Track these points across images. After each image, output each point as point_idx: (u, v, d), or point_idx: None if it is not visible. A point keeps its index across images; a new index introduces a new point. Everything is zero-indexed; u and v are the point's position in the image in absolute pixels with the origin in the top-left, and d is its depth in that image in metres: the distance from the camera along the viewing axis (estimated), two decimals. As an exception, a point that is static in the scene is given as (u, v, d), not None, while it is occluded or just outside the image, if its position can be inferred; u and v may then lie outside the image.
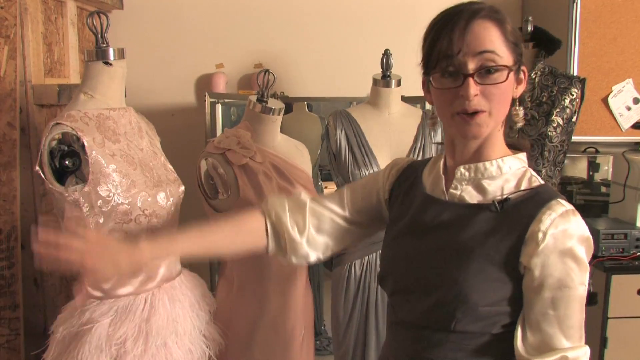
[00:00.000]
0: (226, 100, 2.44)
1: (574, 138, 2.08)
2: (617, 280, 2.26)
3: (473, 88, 0.93)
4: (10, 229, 1.73)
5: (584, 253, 0.94)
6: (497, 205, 0.97)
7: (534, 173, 1.02)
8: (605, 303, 2.27)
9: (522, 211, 0.96)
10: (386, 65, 1.89)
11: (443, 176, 1.06)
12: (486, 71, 0.93)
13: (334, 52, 2.64)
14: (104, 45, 1.33)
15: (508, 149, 1.03)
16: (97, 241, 1.03)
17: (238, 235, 1.17)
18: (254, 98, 1.70)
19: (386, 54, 1.90)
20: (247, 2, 2.62)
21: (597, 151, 2.61)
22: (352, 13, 2.64)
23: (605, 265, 2.26)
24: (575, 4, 2.32)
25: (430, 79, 0.97)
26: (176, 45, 2.60)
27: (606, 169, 2.69)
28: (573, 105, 1.97)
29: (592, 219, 2.52)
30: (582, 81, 1.99)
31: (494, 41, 0.94)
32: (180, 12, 2.59)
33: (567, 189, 2.67)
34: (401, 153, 1.89)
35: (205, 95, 2.33)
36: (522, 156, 1.04)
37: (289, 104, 2.58)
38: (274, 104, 1.71)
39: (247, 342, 1.65)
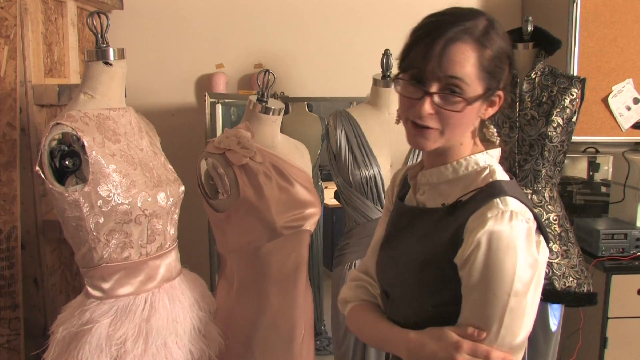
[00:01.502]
0: (226, 100, 2.44)
1: (574, 138, 2.08)
2: (617, 280, 2.26)
3: (427, 107, 0.94)
4: (10, 229, 1.73)
5: (510, 263, 0.88)
6: (446, 208, 0.98)
7: (496, 168, 0.99)
8: (605, 303, 2.27)
9: (464, 211, 0.94)
10: (386, 65, 1.89)
11: (411, 183, 1.09)
12: (450, 92, 0.93)
13: (334, 52, 2.64)
14: (104, 45, 1.33)
15: (479, 147, 1.03)
16: None
17: None
18: (254, 98, 1.70)
19: (386, 54, 1.90)
20: (247, 2, 2.62)
21: (597, 151, 2.60)
22: (352, 13, 2.64)
23: (605, 265, 2.26)
24: (575, 4, 2.31)
25: (400, 77, 0.99)
26: (176, 45, 2.60)
27: (606, 169, 2.69)
28: (573, 105, 1.97)
29: (592, 219, 2.52)
30: (582, 81, 1.99)
31: (465, 69, 0.92)
32: (180, 12, 2.59)
33: (567, 189, 2.67)
34: (401, 153, 1.89)
35: (205, 95, 2.33)
36: (493, 152, 1.02)
37: (286, 104, 2.58)
38: (274, 104, 1.71)
39: (247, 342, 1.65)
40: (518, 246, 0.89)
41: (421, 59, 0.93)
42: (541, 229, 0.95)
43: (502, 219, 0.90)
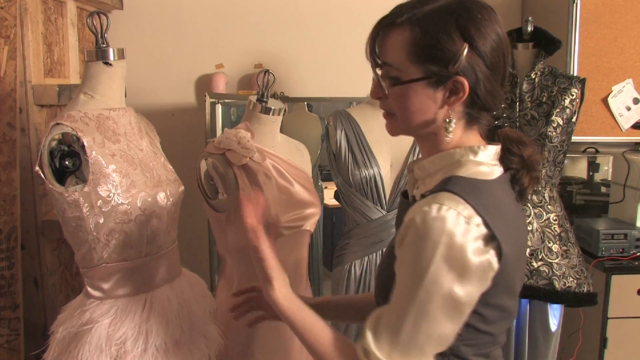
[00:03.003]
0: (226, 101, 2.44)
1: (574, 138, 2.08)
2: (617, 280, 2.26)
3: (375, 90, 0.97)
4: (10, 229, 1.73)
5: (425, 254, 0.84)
6: (412, 202, 0.97)
7: (466, 163, 0.94)
8: (605, 303, 2.27)
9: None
10: (386, 66, 1.89)
11: (409, 176, 1.08)
12: (385, 77, 0.95)
13: (334, 52, 2.64)
14: (104, 45, 1.33)
15: (472, 142, 0.97)
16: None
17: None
18: (254, 98, 1.70)
19: (386, 54, 1.89)
20: (247, 2, 2.62)
21: (597, 151, 2.60)
22: (352, 13, 2.64)
23: (605, 266, 2.26)
24: (575, 4, 2.31)
25: None
26: (176, 45, 2.60)
27: (606, 169, 2.69)
28: (573, 106, 1.97)
29: (592, 219, 2.52)
30: (582, 81, 1.99)
31: (395, 54, 0.92)
32: (180, 12, 2.59)
33: (567, 189, 2.67)
34: (401, 153, 1.89)
35: (205, 96, 2.33)
36: (480, 149, 0.95)
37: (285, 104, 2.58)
38: (274, 104, 1.71)
39: (247, 342, 1.65)
40: (438, 241, 0.84)
41: (369, 50, 0.96)
42: (499, 246, 0.87)
43: (429, 211, 0.85)
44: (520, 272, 0.99)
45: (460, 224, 0.84)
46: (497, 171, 0.96)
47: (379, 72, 0.96)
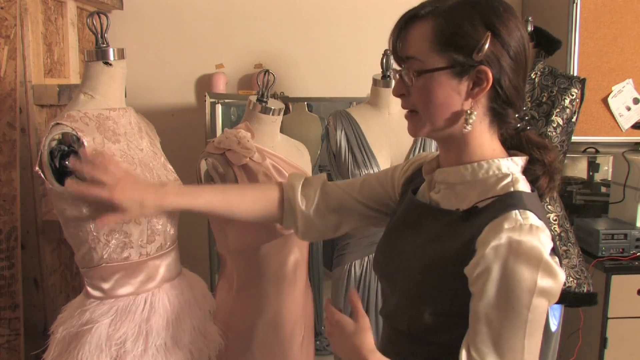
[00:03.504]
0: (226, 101, 2.44)
1: (574, 138, 2.08)
2: (617, 280, 2.26)
3: (397, 87, 0.96)
4: (10, 229, 1.73)
5: (530, 275, 0.82)
6: (461, 213, 0.92)
7: (519, 177, 0.93)
8: (605, 303, 2.27)
9: (479, 220, 0.88)
10: (386, 65, 1.89)
11: (426, 178, 1.05)
12: (409, 71, 0.93)
13: (334, 52, 2.64)
14: (104, 45, 1.33)
15: (502, 152, 0.97)
16: (126, 176, 1.06)
17: (256, 201, 1.21)
18: (254, 98, 1.70)
19: (386, 54, 1.89)
20: (247, 2, 2.62)
21: (597, 151, 2.61)
22: (352, 13, 2.64)
23: (605, 266, 2.26)
24: (575, 4, 2.32)
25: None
26: (176, 45, 2.60)
27: (606, 169, 2.69)
28: (573, 106, 1.97)
29: (592, 219, 2.52)
30: (582, 81, 1.99)
31: (418, 45, 0.92)
32: (180, 12, 2.59)
33: (567, 189, 2.67)
34: (401, 153, 1.89)
35: (205, 96, 2.33)
36: (517, 160, 0.96)
37: (286, 104, 2.57)
38: (274, 104, 1.71)
39: (247, 342, 1.65)
40: (542, 255, 0.82)
41: (392, 47, 0.96)
42: (556, 250, 0.88)
43: (520, 230, 0.83)
44: None
45: (547, 242, 0.84)
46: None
47: (402, 67, 0.95)
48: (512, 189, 0.90)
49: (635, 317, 2.30)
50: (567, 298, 1.95)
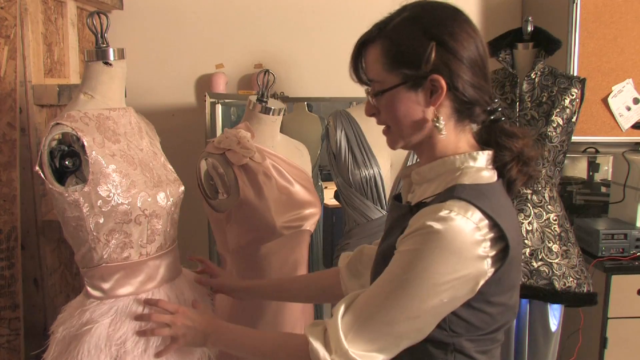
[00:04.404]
0: (226, 101, 2.44)
1: (574, 138, 2.08)
2: (617, 280, 2.26)
3: (368, 108, 1.04)
4: (10, 229, 1.73)
5: (421, 242, 0.88)
6: (409, 207, 1.00)
7: (469, 171, 0.96)
8: (605, 303, 2.27)
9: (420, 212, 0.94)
10: (386, 66, 1.89)
11: (403, 181, 1.11)
12: (370, 93, 1.01)
13: (334, 52, 2.64)
14: (104, 45, 1.33)
15: (469, 147, 1.00)
16: (182, 315, 1.21)
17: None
18: (254, 98, 1.70)
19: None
20: (247, 2, 2.62)
21: (597, 151, 2.61)
22: (352, 13, 2.64)
23: (605, 266, 2.26)
24: (575, 4, 2.31)
25: None
26: (176, 45, 2.60)
27: (606, 169, 2.69)
28: (573, 106, 1.97)
29: (592, 219, 2.52)
30: (582, 81, 1.99)
31: (374, 68, 0.99)
32: (180, 12, 2.59)
33: (567, 189, 2.67)
34: (401, 153, 1.89)
35: (205, 96, 2.33)
36: (476, 154, 0.98)
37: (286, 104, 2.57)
38: (274, 104, 1.71)
39: (247, 342, 1.65)
40: (443, 243, 0.87)
41: (350, 70, 1.04)
42: (507, 245, 0.90)
43: (438, 215, 0.88)
44: (519, 269, 1.02)
45: (467, 228, 0.87)
46: (495, 175, 0.99)
47: (368, 90, 1.02)
48: (454, 183, 0.94)
49: (635, 317, 2.30)
50: (567, 298, 1.95)
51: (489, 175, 0.97)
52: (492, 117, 1.01)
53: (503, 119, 1.02)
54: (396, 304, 0.89)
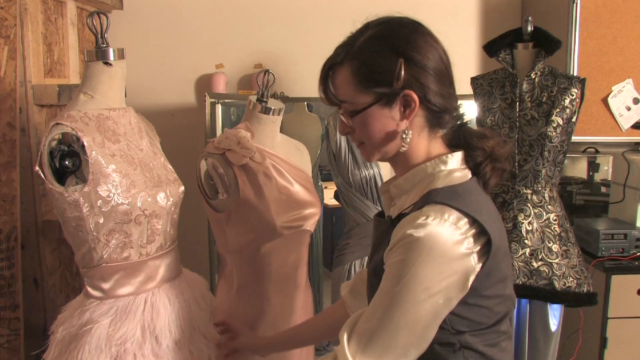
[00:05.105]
0: (226, 101, 2.44)
1: (574, 138, 2.08)
2: (617, 280, 2.26)
3: (342, 128, 1.04)
4: (10, 229, 1.73)
5: (405, 252, 0.90)
6: (390, 221, 1.01)
7: (440, 175, 0.99)
8: (605, 303, 2.27)
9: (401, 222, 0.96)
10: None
11: (383, 197, 1.13)
12: (345, 112, 1.01)
13: (334, 52, 2.64)
14: (104, 45, 1.33)
15: (440, 152, 1.02)
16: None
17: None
18: (253, 98, 1.70)
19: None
20: (247, 2, 2.62)
21: (597, 151, 2.61)
22: (352, 13, 2.63)
23: (605, 266, 2.26)
24: (575, 4, 2.31)
25: None
26: (176, 45, 2.60)
27: (606, 169, 2.69)
28: (573, 106, 1.97)
29: (592, 219, 2.52)
30: (582, 81, 1.99)
31: (345, 90, 1.00)
32: (180, 12, 2.59)
33: (567, 189, 2.67)
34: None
35: (205, 96, 2.33)
36: (448, 157, 1.00)
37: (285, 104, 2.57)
38: (274, 104, 1.71)
39: (247, 342, 1.65)
40: (425, 249, 0.88)
41: (320, 92, 1.04)
42: (489, 239, 0.92)
43: (417, 223, 0.90)
44: (508, 262, 1.04)
45: (446, 230, 0.89)
46: (468, 174, 1.01)
47: (340, 110, 1.02)
48: (429, 189, 0.97)
49: (635, 317, 2.30)
50: (567, 298, 1.95)
51: (462, 175, 0.99)
52: (458, 122, 1.04)
53: (468, 121, 1.05)
54: (394, 315, 0.90)
